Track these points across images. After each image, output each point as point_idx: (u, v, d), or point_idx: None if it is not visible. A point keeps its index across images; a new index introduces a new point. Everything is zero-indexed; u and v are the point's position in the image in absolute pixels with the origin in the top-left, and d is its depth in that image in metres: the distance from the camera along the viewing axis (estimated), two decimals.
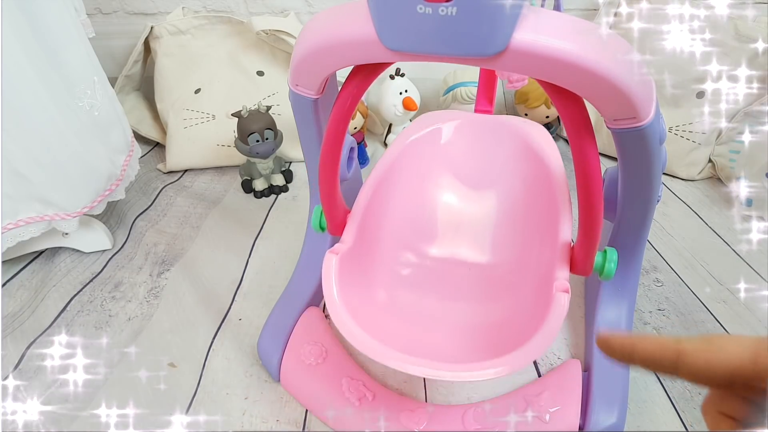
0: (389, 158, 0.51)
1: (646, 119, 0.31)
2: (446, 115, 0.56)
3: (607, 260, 0.39)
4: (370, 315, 0.43)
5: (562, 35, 0.26)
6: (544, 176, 0.49)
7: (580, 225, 0.36)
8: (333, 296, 0.39)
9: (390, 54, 0.28)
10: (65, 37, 0.57)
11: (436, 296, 0.50)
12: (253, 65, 0.90)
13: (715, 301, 0.58)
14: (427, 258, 0.53)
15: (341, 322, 0.38)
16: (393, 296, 0.49)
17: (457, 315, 0.48)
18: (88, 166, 0.60)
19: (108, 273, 0.65)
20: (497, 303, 0.48)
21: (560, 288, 0.37)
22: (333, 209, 0.43)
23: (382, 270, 0.50)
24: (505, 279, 0.50)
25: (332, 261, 0.40)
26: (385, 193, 0.50)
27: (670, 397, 0.47)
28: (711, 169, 0.82)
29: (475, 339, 0.44)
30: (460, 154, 0.55)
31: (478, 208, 0.55)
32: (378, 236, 0.50)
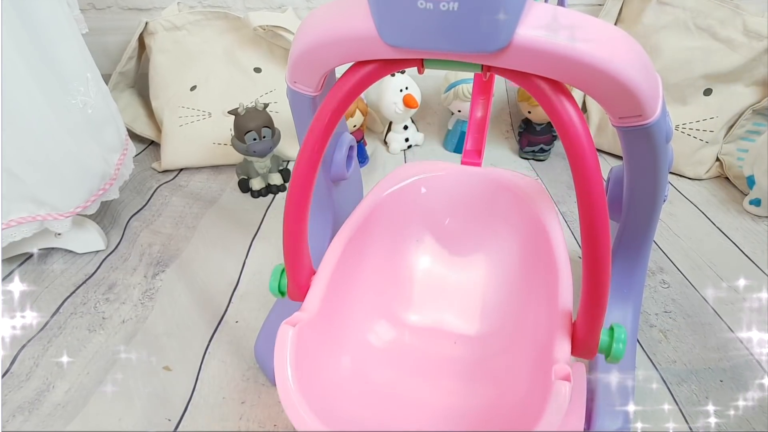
0: (362, 212, 0.46)
1: (652, 117, 0.31)
2: (428, 166, 0.51)
3: (615, 340, 0.33)
4: (335, 400, 0.38)
5: (567, 31, 0.26)
6: (540, 237, 0.44)
7: (583, 293, 0.32)
8: (287, 379, 0.33)
9: (390, 50, 0.28)
10: (58, 33, 0.57)
11: (415, 375, 0.44)
12: (251, 62, 0.90)
13: (723, 302, 0.58)
14: (406, 327, 0.48)
15: (296, 414, 0.31)
16: (364, 375, 0.43)
17: (439, 397, 0.42)
18: (82, 164, 0.60)
19: (101, 274, 0.65)
20: (487, 385, 0.43)
21: (560, 374, 0.31)
22: (297, 267, 0.38)
23: (351, 343, 0.44)
24: (497, 354, 0.45)
25: (288, 334, 0.34)
26: (356, 253, 0.45)
27: (676, 401, 0.47)
28: (719, 168, 0.82)
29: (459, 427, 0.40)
30: (443, 211, 0.51)
31: (465, 273, 0.51)
32: (347, 302, 0.44)
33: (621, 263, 0.48)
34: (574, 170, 0.28)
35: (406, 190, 0.50)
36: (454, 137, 0.93)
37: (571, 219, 0.73)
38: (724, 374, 0.49)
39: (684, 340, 0.53)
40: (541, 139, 0.87)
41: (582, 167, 0.28)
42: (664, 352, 0.52)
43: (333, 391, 0.38)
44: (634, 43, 0.28)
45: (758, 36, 0.75)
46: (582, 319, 0.33)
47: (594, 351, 0.34)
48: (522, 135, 0.90)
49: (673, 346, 0.53)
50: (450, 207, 0.51)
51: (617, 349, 0.33)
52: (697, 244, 0.67)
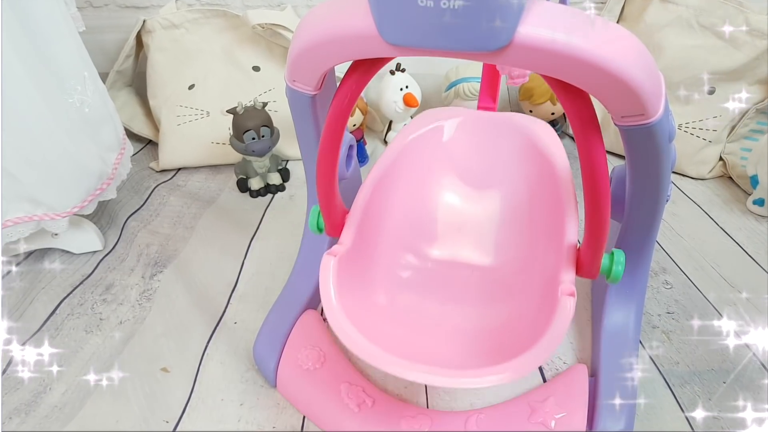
0: (389, 157, 0.51)
1: (655, 116, 0.31)
2: (448, 112, 0.56)
3: (615, 262, 0.39)
4: (369, 319, 0.43)
5: (569, 29, 0.26)
6: (549, 176, 0.49)
7: (587, 226, 0.36)
8: (331, 300, 0.38)
9: (390, 49, 0.28)
10: (55, 31, 0.57)
11: (437, 299, 0.50)
12: (249, 60, 0.90)
13: (726, 303, 0.58)
14: (429, 260, 0.53)
15: (339, 327, 0.37)
16: (393, 300, 0.48)
17: (459, 319, 0.48)
18: (79, 164, 0.60)
19: (99, 275, 0.65)
20: (500, 307, 0.48)
21: (566, 291, 0.37)
22: (331, 210, 0.43)
23: (382, 272, 0.50)
24: (509, 282, 0.50)
25: (330, 263, 0.40)
26: (384, 193, 0.50)
27: (679, 402, 0.47)
28: (722, 168, 0.82)
29: (477, 344, 0.44)
30: (462, 152, 0.55)
31: (481, 208, 0.55)
32: (377, 238, 0.50)
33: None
34: (577, 133, 0.31)
35: (428, 135, 0.54)
36: None
37: None
38: (728, 376, 0.49)
39: (687, 341, 0.53)
40: None
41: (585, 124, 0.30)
42: (667, 354, 0.52)
43: (368, 313, 0.44)
44: (636, 41, 0.28)
45: (762, 34, 0.75)
46: (586, 244, 0.38)
47: (596, 271, 0.39)
48: None
49: (676, 347, 0.53)
50: (468, 148, 0.55)
51: (616, 270, 0.38)
52: (700, 245, 0.67)
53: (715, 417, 0.46)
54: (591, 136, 0.31)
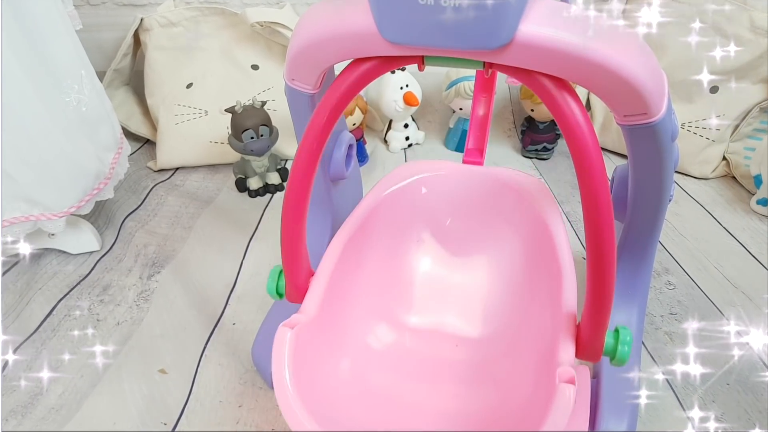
0: (362, 212, 0.46)
1: (658, 115, 0.31)
2: (429, 166, 0.51)
3: (620, 342, 0.33)
4: (334, 403, 0.38)
5: (570, 27, 0.26)
6: (543, 238, 0.44)
7: (588, 296, 0.31)
8: (284, 383, 0.33)
9: (390, 47, 0.28)
10: (51, 29, 0.57)
11: (415, 378, 0.44)
12: (248, 59, 0.90)
13: (730, 304, 0.58)
14: (407, 329, 0.48)
15: (294, 417, 0.32)
16: (363, 379, 0.43)
17: (440, 401, 0.42)
18: (76, 164, 0.60)
19: (96, 275, 0.64)
20: (489, 388, 0.43)
21: (564, 377, 0.31)
22: (295, 268, 0.38)
23: (351, 345, 0.44)
24: (499, 357, 0.45)
25: (286, 337, 0.34)
26: (355, 254, 0.45)
27: (682, 404, 0.47)
28: (725, 167, 0.82)
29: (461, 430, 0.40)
30: (444, 211, 0.51)
31: (467, 274, 0.51)
32: (347, 304, 0.44)
33: (626, 264, 0.48)
34: (578, 169, 0.28)
35: (407, 190, 0.50)
36: (455, 136, 0.93)
37: (574, 219, 0.73)
38: (731, 377, 0.49)
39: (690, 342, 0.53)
40: (544, 137, 0.87)
41: (586, 166, 0.27)
42: (670, 355, 0.52)
43: (332, 394, 0.38)
44: (638, 39, 0.28)
45: (765, 32, 0.75)
46: (586, 321, 0.33)
47: (599, 354, 0.34)
48: (525, 133, 0.90)
49: (679, 349, 0.53)
50: (451, 207, 0.51)
51: (622, 352, 0.33)
52: (704, 245, 0.67)
53: (718, 418, 0.46)
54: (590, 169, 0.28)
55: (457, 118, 0.92)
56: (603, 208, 0.28)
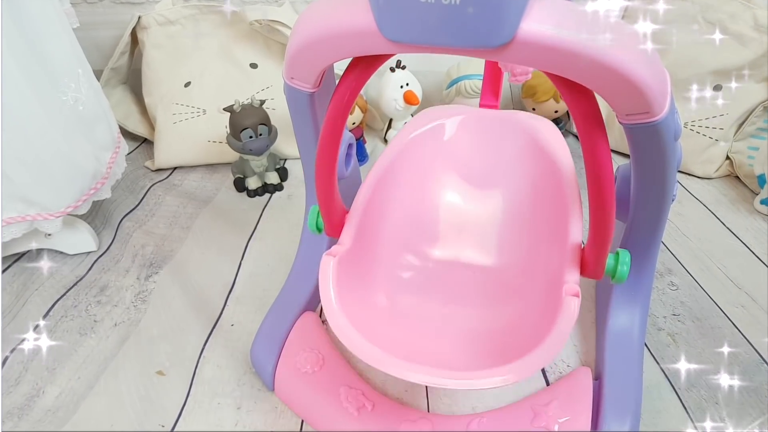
0: (389, 156, 0.51)
1: (660, 114, 0.31)
2: (449, 110, 0.56)
3: (620, 262, 0.39)
4: (370, 321, 0.43)
5: (572, 25, 0.26)
6: (552, 174, 0.49)
7: (591, 225, 0.36)
8: (331, 301, 0.39)
9: (390, 45, 0.28)
10: (48, 27, 0.57)
11: (439, 301, 0.50)
12: (246, 57, 0.90)
13: (733, 305, 0.58)
14: (430, 260, 0.53)
15: (339, 328, 0.37)
16: (394, 301, 0.49)
17: (461, 320, 0.48)
18: (73, 163, 0.60)
19: (93, 276, 0.65)
20: (503, 308, 0.48)
21: (570, 292, 0.37)
22: (330, 209, 0.43)
23: (382, 273, 0.50)
24: (512, 283, 0.50)
25: (329, 264, 0.40)
26: (385, 193, 0.50)
27: (685, 407, 0.47)
28: (729, 167, 0.82)
29: (479, 345, 0.44)
30: (464, 151, 0.55)
31: (483, 208, 0.55)
32: (378, 238, 0.50)
33: None
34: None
35: (429, 133, 0.54)
36: None
37: None
38: (734, 378, 0.49)
39: (693, 343, 0.53)
40: None
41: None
42: (672, 357, 0.52)
43: (367, 313, 0.44)
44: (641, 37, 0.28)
45: None
46: (590, 244, 0.38)
47: (601, 272, 0.39)
48: None
49: (683, 350, 0.53)
50: (470, 147, 0.55)
51: (622, 270, 0.39)
52: (707, 245, 0.67)
53: (721, 419, 0.46)
54: (595, 135, 0.31)
55: None
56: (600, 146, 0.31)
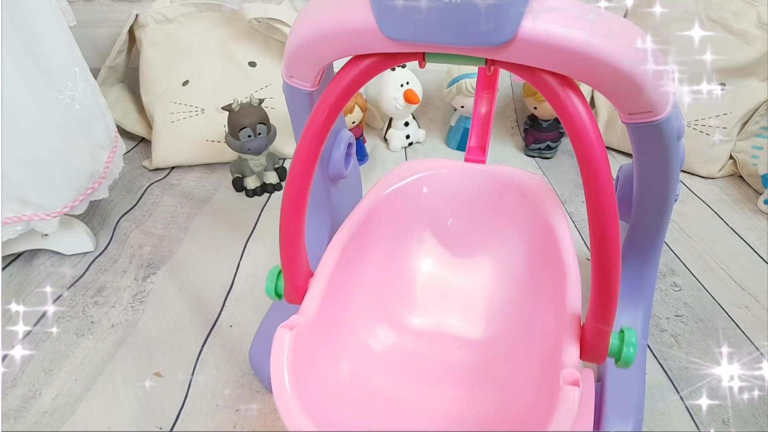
0: (362, 212, 0.46)
1: (663, 113, 0.31)
2: (430, 164, 0.51)
3: (626, 344, 0.33)
4: (333, 406, 0.38)
5: (574, 23, 0.26)
6: (547, 238, 0.44)
7: (592, 293, 0.32)
8: (283, 385, 0.33)
9: (390, 43, 0.28)
10: (45, 25, 0.57)
11: (417, 380, 0.45)
12: (245, 55, 0.90)
13: (737, 306, 0.58)
14: (408, 331, 0.48)
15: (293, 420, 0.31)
16: (364, 380, 0.43)
17: (442, 404, 0.43)
18: (69, 163, 0.60)
19: (90, 277, 0.64)
20: (492, 391, 0.43)
21: (569, 379, 0.31)
22: (294, 269, 0.38)
23: (351, 348, 0.44)
24: (502, 359, 0.45)
25: (285, 338, 0.34)
26: (356, 254, 0.45)
27: (688, 408, 0.47)
28: (732, 166, 0.82)
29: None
30: (445, 211, 0.51)
31: (469, 275, 0.51)
32: (346, 306, 0.44)
33: (630, 265, 0.48)
34: (582, 168, 0.28)
35: (407, 189, 0.50)
36: (456, 134, 0.93)
37: (579, 219, 0.73)
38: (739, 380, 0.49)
39: (696, 345, 0.53)
40: (548, 136, 0.87)
41: (591, 165, 0.27)
42: (675, 358, 0.52)
43: (331, 397, 0.38)
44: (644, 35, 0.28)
45: None
46: (591, 322, 0.33)
47: (604, 355, 0.34)
48: (528, 132, 0.90)
49: (685, 351, 0.53)
50: (453, 206, 0.51)
51: (628, 354, 0.33)
52: (710, 246, 0.67)
53: (725, 422, 0.46)
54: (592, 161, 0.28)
55: (458, 116, 0.92)
56: (608, 207, 0.28)
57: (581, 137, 0.27)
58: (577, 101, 0.27)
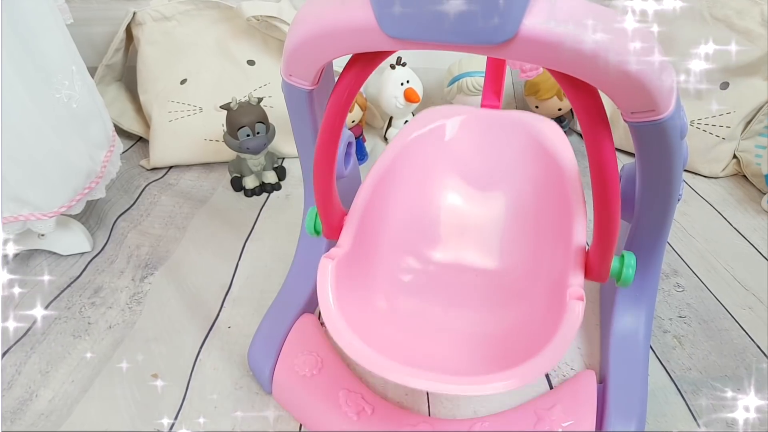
0: (389, 156, 0.51)
1: (666, 112, 0.31)
2: (451, 111, 0.56)
3: (625, 265, 0.39)
4: (369, 324, 0.43)
5: (576, 21, 0.26)
6: (556, 175, 0.48)
7: (596, 227, 0.36)
8: (329, 304, 0.38)
9: (391, 42, 0.28)
10: (41, 23, 0.57)
11: (440, 304, 0.49)
12: (244, 54, 0.90)
13: (740, 307, 0.58)
14: (431, 263, 0.53)
15: (338, 332, 0.37)
16: (394, 304, 0.48)
17: (462, 324, 0.48)
18: (66, 162, 0.60)
19: (87, 277, 0.64)
20: (506, 311, 0.48)
21: (574, 295, 0.37)
22: (329, 211, 0.43)
23: (382, 276, 0.49)
24: (515, 285, 0.50)
25: (328, 267, 0.40)
26: (384, 194, 0.50)
27: (691, 410, 0.47)
28: (736, 166, 0.82)
29: (482, 349, 0.44)
30: (465, 152, 0.55)
31: (485, 209, 0.55)
32: (377, 240, 0.50)
33: None
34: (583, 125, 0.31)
35: (431, 134, 0.54)
36: None
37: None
38: (742, 383, 0.49)
39: (699, 346, 0.53)
40: None
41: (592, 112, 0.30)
42: (678, 359, 0.52)
43: (368, 318, 0.44)
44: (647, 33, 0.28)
45: None
46: (595, 246, 0.37)
47: (606, 275, 0.39)
48: None
49: (688, 352, 0.53)
50: (472, 147, 0.55)
51: (627, 273, 0.39)
52: (713, 246, 0.67)
53: (728, 425, 0.46)
54: (600, 134, 0.30)
55: None
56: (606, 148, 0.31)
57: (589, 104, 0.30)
58: None
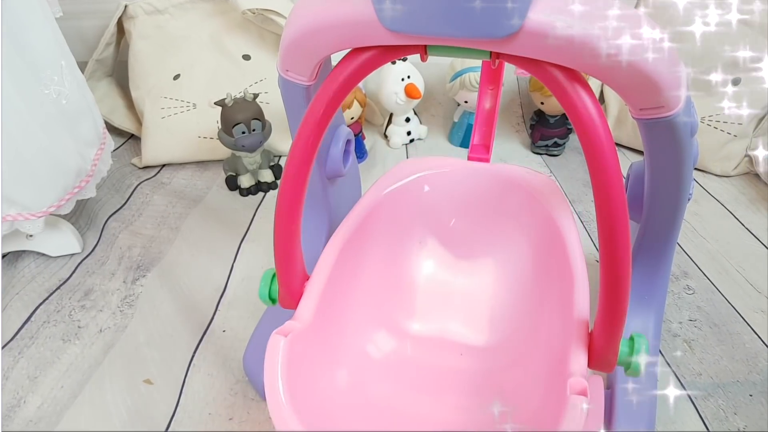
0: (359, 213, 0.46)
1: (676, 108, 0.31)
2: (431, 163, 0.51)
3: (635, 352, 0.33)
4: (330, 418, 0.38)
5: (583, 15, 0.26)
6: (553, 239, 0.44)
7: (601, 298, 0.31)
8: (277, 393, 0.32)
9: (390, 35, 0.28)
10: (29, 17, 0.57)
11: (418, 388, 0.44)
12: (239, 48, 0.90)
13: (753, 310, 0.58)
14: (408, 337, 0.48)
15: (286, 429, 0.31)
16: (362, 389, 0.43)
17: (443, 412, 0.42)
18: (55, 160, 0.60)
19: (77, 279, 0.65)
20: (496, 399, 0.43)
21: (576, 389, 0.31)
22: (290, 273, 0.38)
23: (349, 354, 0.44)
24: (507, 367, 0.45)
25: (279, 345, 0.34)
26: (353, 257, 0.45)
27: (702, 417, 0.47)
28: (748, 164, 0.82)
29: None
30: (447, 211, 0.51)
31: (472, 277, 0.51)
32: (344, 311, 0.44)
33: (642, 267, 0.48)
34: (590, 166, 0.28)
35: (408, 189, 0.49)
36: (460, 130, 0.93)
37: (587, 219, 0.73)
38: (754, 388, 0.49)
39: (710, 350, 0.53)
40: (555, 132, 0.87)
41: (599, 163, 0.27)
42: (688, 364, 0.52)
43: (328, 406, 0.38)
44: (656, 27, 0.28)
45: None
46: (599, 329, 0.33)
47: (613, 364, 0.34)
48: (534, 128, 0.90)
49: (699, 357, 0.53)
50: (455, 207, 0.51)
51: (637, 362, 0.33)
52: (725, 247, 0.67)
53: (739, 430, 0.46)
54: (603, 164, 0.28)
55: (462, 111, 0.92)
56: (617, 207, 0.28)
57: (589, 134, 0.27)
58: (586, 96, 0.27)
